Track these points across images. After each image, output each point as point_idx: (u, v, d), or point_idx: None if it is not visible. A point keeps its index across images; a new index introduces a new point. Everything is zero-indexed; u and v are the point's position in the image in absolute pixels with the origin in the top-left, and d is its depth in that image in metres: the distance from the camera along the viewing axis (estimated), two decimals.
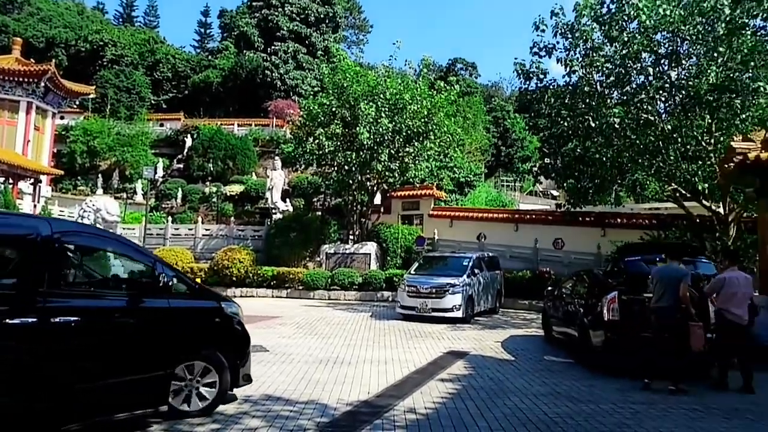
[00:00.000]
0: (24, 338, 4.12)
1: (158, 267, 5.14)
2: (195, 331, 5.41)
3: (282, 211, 26.04)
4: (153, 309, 5.04)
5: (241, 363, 5.72)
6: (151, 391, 4.89)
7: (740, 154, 10.31)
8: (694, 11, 12.27)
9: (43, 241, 4.35)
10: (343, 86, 19.71)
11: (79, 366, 4.43)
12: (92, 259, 5.60)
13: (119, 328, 4.85)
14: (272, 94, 43.37)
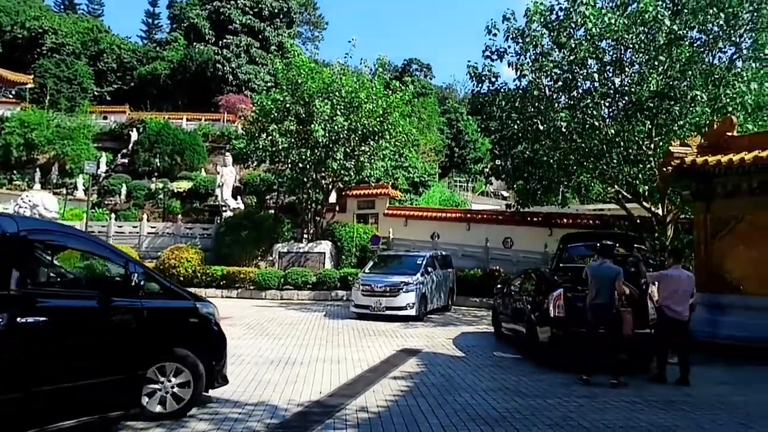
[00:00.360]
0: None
1: (130, 266, 5.04)
2: (168, 332, 5.36)
3: (233, 209, 25.46)
4: (124, 309, 4.95)
5: (216, 364, 5.68)
6: (122, 392, 4.79)
7: (678, 159, 10.88)
8: (637, 21, 12.84)
9: (8, 240, 4.21)
10: (298, 82, 19.48)
11: (46, 368, 4.29)
12: (61, 258, 5.46)
13: (89, 328, 4.73)
14: (224, 88, 42.39)
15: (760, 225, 9.94)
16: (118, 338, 4.86)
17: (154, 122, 34.48)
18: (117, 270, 5.16)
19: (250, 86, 41.59)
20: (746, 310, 9.88)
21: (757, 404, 6.27)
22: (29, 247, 4.48)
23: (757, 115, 12.08)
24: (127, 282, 4.93)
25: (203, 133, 35.17)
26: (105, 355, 4.73)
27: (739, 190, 10.25)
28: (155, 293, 5.37)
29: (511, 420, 5.50)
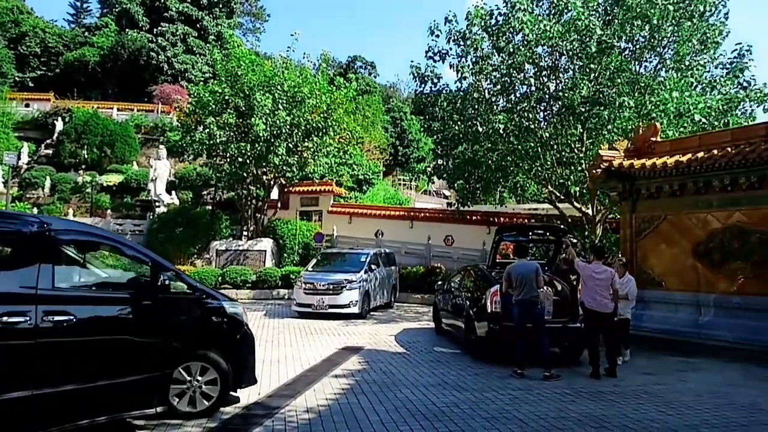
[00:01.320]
0: (19, 337, 4.04)
1: (157, 266, 5.07)
2: (195, 331, 5.34)
3: (167, 204, 24.46)
4: (151, 309, 4.95)
5: (244, 364, 5.64)
6: (150, 391, 4.84)
7: (607, 162, 11.50)
8: (571, 28, 13.41)
9: (36, 239, 4.30)
10: (237, 74, 18.96)
11: (73, 366, 4.37)
12: (90, 258, 5.35)
13: (116, 328, 4.74)
14: (158, 78, 40.60)
15: (680, 225, 10.68)
16: (145, 337, 4.88)
17: (81, 111, 32.51)
18: (144, 270, 5.20)
19: (186, 77, 39.98)
20: (668, 304, 10.61)
21: (676, 392, 6.73)
22: (57, 247, 4.54)
23: (678, 121, 12.92)
24: (155, 282, 4.99)
25: (135, 125, 33.57)
26: (132, 355, 4.78)
27: (662, 191, 10.94)
28: (182, 293, 5.35)
29: (450, 414, 5.61)
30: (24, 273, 4.22)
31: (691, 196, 10.50)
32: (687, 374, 7.93)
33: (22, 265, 4.28)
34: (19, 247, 4.40)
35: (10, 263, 4.42)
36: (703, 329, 9.90)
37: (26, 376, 4.09)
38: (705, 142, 10.44)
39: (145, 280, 5.15)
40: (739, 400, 6.36)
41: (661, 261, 10.92)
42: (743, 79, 14.20)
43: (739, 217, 9.78)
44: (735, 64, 14.35)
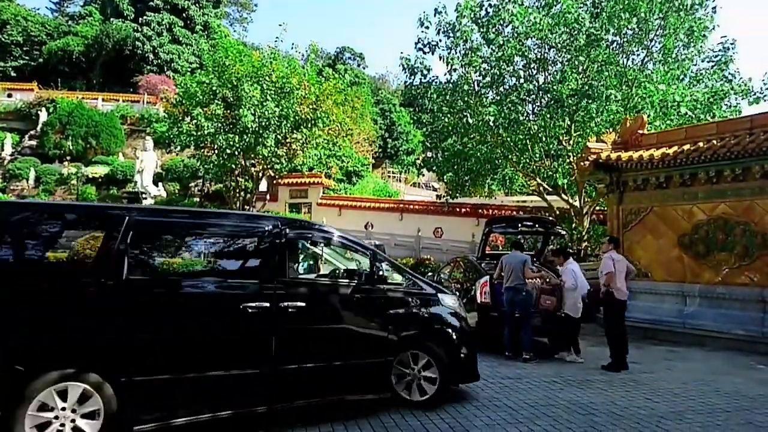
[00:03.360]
0: (260, 320, 4.57)
1: (376, 258, 5.37)
2: (412, 322, 5.45)
3: (153, 197, 24.25)
4: (371, 297, 5.23)
5: (463, 357, 5.62)
6: (373, 377, 5.15)
7: (594, 154, 11.61)
8: (560, 21, 13.46)
9: (274, 236, 4.88)
10: (225, 64, 18.73)
11: (305, 348, 4.84)
12: (315, 251, 5.82)
13: (340, 315, 5.08)
14: (144, 68, 40.05)
15: (666, 216, 10.82)
16: (366, 324, 5.17)
17: (65, 102, 32.01)
18: (365, 262, 5.46)
19: (172, 67, 39.48)
20: (654, 295, 10.77)
21: (662, 381, 6.86)
22: (290, 241, 5.03)
23: (664, 114, 13.06)
24: (374, 273, 5.28)
25: (121, 115, 33.13)
26: (355, 340, 5.07)
27: (648, 183, 11.08)
28: (399, 284, 5.55)
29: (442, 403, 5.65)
30: (265, 265, 4.83)
31: (677, 188, 10.64)
32: (673, 363, 8.07)
33: (265, 258, 4.89)
34: (261, 242, 4.93)
35: (254, 257, 5.00)
36: (688, 319, 10.09)
37: (266, 354, 4.60)
38: (691, 135, 10.58)
39: (364, 271, 5.38)
40: (723, 388, 6.49)
41: (648, 252, 11.06)
42: (728, 73, 14.38)
43: (724, 209, 9.95)
44: (720, 57, 14.52)
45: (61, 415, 3.82)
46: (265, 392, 4.62)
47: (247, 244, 5.07)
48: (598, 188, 14.14)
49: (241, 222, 5.27)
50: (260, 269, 4.85)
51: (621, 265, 7.82)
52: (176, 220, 4.96)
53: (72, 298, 4.08)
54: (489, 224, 11.83)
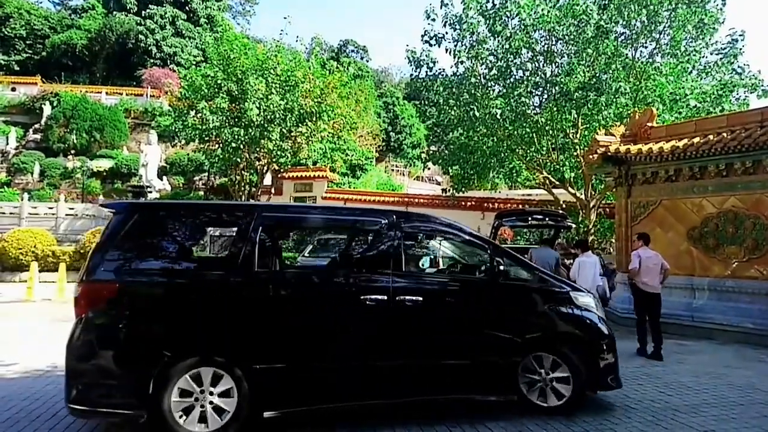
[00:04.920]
0: (377, 313, 4.56)
1: (497, 253, 5.11)
2: (540, 321, 5.07)
3: (158, 190, 24.28)
4: (491, 294, 5.01)
5: (601, 361, 5.11)
6: (495, 377, 4.88)
7: (603, 147, 11.53)
8: (568, 13, 13.36)
9: (390, 230, 4.85)
10: (230, 57, 18.70)
11: (422, 343, 4.71)
12: (430, 245, 5.61)
13: (459, 310, 4.90)
14: (147, 61, 39.97)
15: (675, 210, 10.77)
16: (487, 322, 4.92)
17: (69, 96, 31.97)
18: (482, 256, 5.26)
19: (176, 60, 39.34)
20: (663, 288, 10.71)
21: (674, 374, 6.85)
22: (410, 235, 5.05)
23: (674, 107, 12.98)
24: (495, 268, 4.98)
25: (125, 109, 33.12)
26: (475, 339, 4.85)
27: (657, 177, 11.02)
28: (525, 280, 5.20)
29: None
30: (382, 258, 4.80)
31: (686, 181, 10.58)
32: (683, 356, 8.06)
33: (382, 251, 4.85)
34: (378, 236, 4.92)
35: (372, 250, 4.99)
36: (696, 312, 10.07)
37: (384, 347, 4.61)
38: (701, 128, 10.50)
39: (485, 265, 5.18)
40: (735, 381, 6.48)
41: (656, 245, 10.91)
42: (737, 66, 14.27)
43: (734, 202, 9.89)
44: (728, 50, 14.40)
45: (200, 397, 4.13)
46: (383, 386, 4.61)
47: (364, 237, 5.11)
48: (606, 181, 14.09)
49: (358, 215, 5.36)
50: (377, 262, 4.83)
51: (651, 261, 8.16)
52: (299, 215, 5.20)
53: (214, 292, 4.37)
54: (498, 218, 11.84)
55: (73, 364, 4.07)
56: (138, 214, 4.56)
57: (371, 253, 5.02)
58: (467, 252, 5.58)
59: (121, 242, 4.40)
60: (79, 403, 4.02)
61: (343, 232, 5.23)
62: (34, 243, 17.82)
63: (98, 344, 4.11)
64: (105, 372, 4.06)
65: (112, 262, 4.31)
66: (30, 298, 12.76)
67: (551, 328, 5.08)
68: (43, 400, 5.18)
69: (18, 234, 18.08)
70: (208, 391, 4.14)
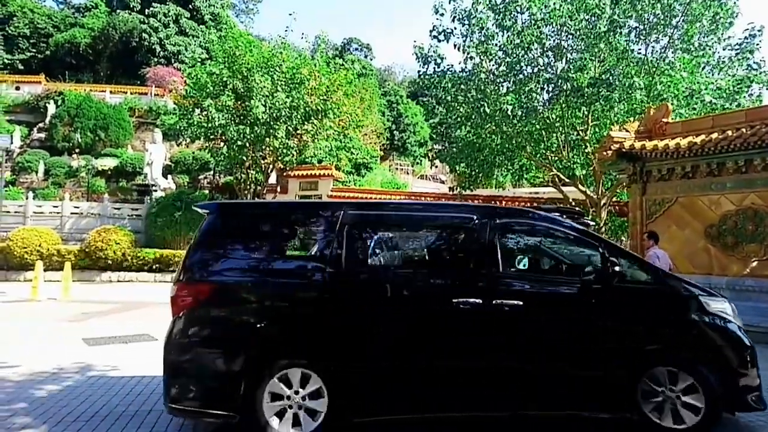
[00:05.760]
0: (471, 318, 4.24)
1: (611, 252, 4.57)
2: (662, 329, 4.48)
3: (163, 189, 24.13)
4: (604, 300, 4.45)
5: (740, 377, 4.45)
6: (609, 393, 4.39)
7: (617, 143, 11.32)
8: (581, 8, 13.13)
9: (485, 225, 4.50)
10: (236, 54, 18.51)
11: (522, 351, 4.32)
12: (530, 242, 5.10)
13: (564, 317, 4.44)
14: (151, 60, 39.85)
15: (692, 207, 10.55)
16: (597, 331, 4.41)
17: (73, 94, 31.84)
18: (593, 256, 4.72)
19: (179, 59, 39.24)
20: None
21: None
22: (507, 232, 4.70)
23: (689, 102, 12.75)
24: (609, 269, 4.43)
25: (129, 108, 32.92)
26: (583, 349, 4.37)
27: (673, 173, 10.80)
28: (643, 282, 4.66)
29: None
30: (477, 257, 4.46)
31: (704, 177, 10.36)
32: None
33: (476, 249, 4.51)
34: (472, 233, 4.55)
35: (464, 248, 4.67)
36: None
37: (479, 354, 4.29)
38: (718, 123, 10.28)
39: (596, 266, 4.61)
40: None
41: (673, 244, 10.77)
42: (753, 61, 14.02)
43: (753, 199, 9.67)
44: (745, 45, 14.15)
45: (292, 399, 4.11)
46: (478, 397, 4.31)
47: (456, 235, 4.78)
48: (619, 178, 13.86)
49: (449, 211, 5.06)
50: (470, 261, 4.51)
51: (665, 259, 8.05)
52: (386, 213, 4.95)
53: (303, 292, 4.36)
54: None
55: (170, 363, 4.14)
56: (229, 214, 4.68)
57: (464, 252, 4.68)
58: (574, 250, 5.00)
59: (214, 242, 4.48)
60: (177, 402, 4.09)
61: (433, 229, 4.83)
62: (39, 242, 17.69)
63: (192, 344, 4.17)
64: (199, 372, 4.12)
65: (205, 262, 4.39)
66: (35, 298, 12.62)
67: (677, 337, 4.47)
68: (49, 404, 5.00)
69: (23, 233, 17.95)
70: (297, 392, 4.12)
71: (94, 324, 9.50)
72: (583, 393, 4.39)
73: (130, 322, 9.81)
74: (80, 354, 7.12)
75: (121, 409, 4.94)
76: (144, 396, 5.36)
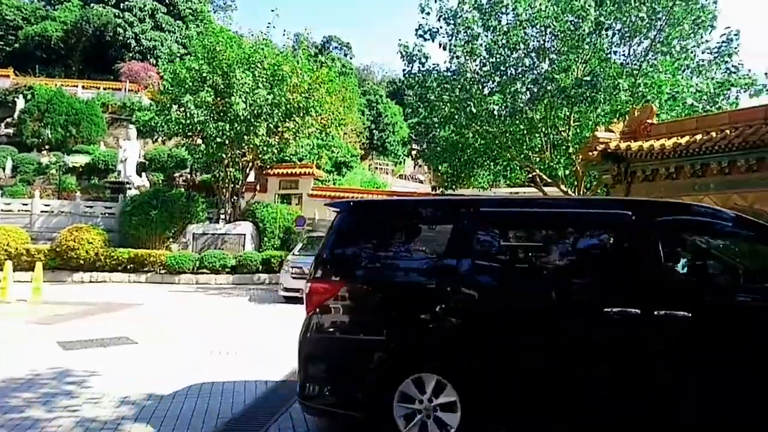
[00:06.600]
0: (622, 332, 3.66)
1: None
2: None
3: (137, 187, 23.50)
4: None
5: None
6: None
7: (603, 143, 11.39)
8: (566, 9, 13.19)
9: (639, 224, 3.93)
10: (216, 50, 18.09)
11: (693, 377, 3.59)
12: (696, 244, 4.33)
13: (749, 333, 3.61)
14: (125, 55, 38.82)
15: None
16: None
17: (44, 89, 30.81)
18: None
19: (155, 54, 38.34)
20: None
21: None
22: (668, 232, 3.98)
23: (671, 104, 12.91)
24: None
25: (102, 103, 31.99)
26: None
27: (658, 174, 10.89)
28: None
29: None
30: (629, 261, 3.89)
31: (687, 178, 10.47)
32: None
33: (629, 252, 3.96)
34: (623, 232, 4.04)
35: (615, 250, 4.14)
36: None
37: (637, 377, 3.67)
38: (702, 125, 10.40)
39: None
40: None
41: None
42: (731, 65, 14.29)
43: (736, 200, 9.78)
44: (723, 49, 14.42)
45: (423, 407, 3.89)
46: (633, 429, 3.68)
47: (606, 234, 4.23)
48: (603, 179, 13.97)
49: (598, 208, 4.40)
50: (623, 266, 3.90)
51: None
52: (521, 210, 4.51)
53: (434, 293, 4.10)
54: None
55: (303, 361, 4.20)
56: (361, 212, 4.60)
57: (615, 254, 4.09)
58: (756, 253, 4.14)
59: (345, 241, 4.43)
60: (310, 399, 4.11)
61: (577, 227, 4.27)
62: (7, 241, 17.01)
63: (322, 342, 4.19)
64: (330, 371, 4.14)
65: (336, 261, 4.34)
66: (4, 299, 12.06)
67: None
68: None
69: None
70: (429, 400, 3.90)
71: (69, 326, 9.09)
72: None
73: (107, 324, 9.43)
74: (56, 359, 6.77)
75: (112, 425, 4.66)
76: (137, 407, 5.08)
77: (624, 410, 3.69)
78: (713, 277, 4.22)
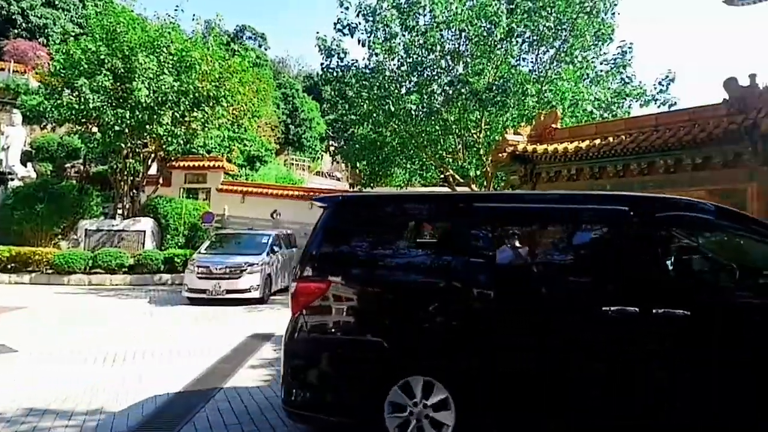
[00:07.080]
0: (620, 331, 3.60)
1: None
2: None
3: (21, 177, 21.20)
4: None
5: None
6: None
7: (512, 146, 11.84)
8: (480, 14, 13.58)
9: (638, 220, 3.81)
10: (116, 31, 16.67)
11: (694, 378, 3.53)
12: (701, 242, 4.16)
13: (753, 336, 3.53)
14: (10, 32, 34.93)
15: None
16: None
17: None
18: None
19: (46, 33, 34.84)
20: None
21: None
22: (669, 228, 3.96)
23: (573, 111, 13.72)
24: None
25: None
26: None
27: (560, 175, 11.50)
28: None
29: None
30: (628, 257, 3.79)
31: (586, 180, 11.12)
32: None
33: (625, 249, 3.85)
34: (622, 228, 3.90)
35: (615, 246, 3.98)
36: None
37: (631, 376, 3.60)
38: (601, 131, 11.11)
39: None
40: None
41: None
42: (625, 76, 15.47)
43: None
44: (618, 60, 15.57)
45: (415, 411, 3.71)
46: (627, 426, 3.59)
47: (607, 231, 4.12)
48: (511, 179, 14.55)
49: (598, 203, 4.21)
50: (622, 262, 3.81)
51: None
52: (520, 205, 4.44)
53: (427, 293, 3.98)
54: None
55: (287, 364, 3.99)
56: (350, 208, 4.45)
57: (612, 251, 3.97)
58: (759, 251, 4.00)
59: (334, 238, 4.20)
60: (296, 405, 3.92)
61: (577, 223, 4.19)
62: None
63: (308, 345, 4.00)
64: (316, 375, 3.98)
65: (323, 259, 4.12)
66: None
67: None
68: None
69: None
70: (421, 403, 3.72)
71: None
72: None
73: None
74: None
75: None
76: (13, 425, 4.43)
77: (621, 410, 3.65)
78: (712, 274, 4.19)
